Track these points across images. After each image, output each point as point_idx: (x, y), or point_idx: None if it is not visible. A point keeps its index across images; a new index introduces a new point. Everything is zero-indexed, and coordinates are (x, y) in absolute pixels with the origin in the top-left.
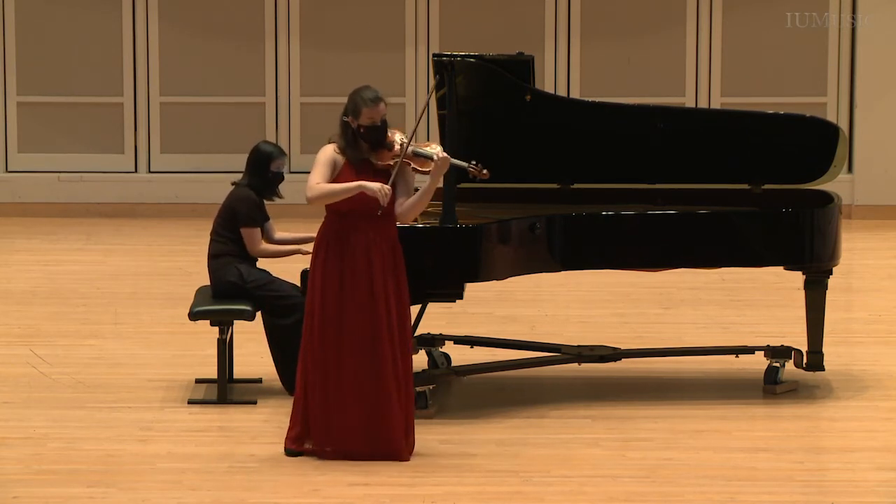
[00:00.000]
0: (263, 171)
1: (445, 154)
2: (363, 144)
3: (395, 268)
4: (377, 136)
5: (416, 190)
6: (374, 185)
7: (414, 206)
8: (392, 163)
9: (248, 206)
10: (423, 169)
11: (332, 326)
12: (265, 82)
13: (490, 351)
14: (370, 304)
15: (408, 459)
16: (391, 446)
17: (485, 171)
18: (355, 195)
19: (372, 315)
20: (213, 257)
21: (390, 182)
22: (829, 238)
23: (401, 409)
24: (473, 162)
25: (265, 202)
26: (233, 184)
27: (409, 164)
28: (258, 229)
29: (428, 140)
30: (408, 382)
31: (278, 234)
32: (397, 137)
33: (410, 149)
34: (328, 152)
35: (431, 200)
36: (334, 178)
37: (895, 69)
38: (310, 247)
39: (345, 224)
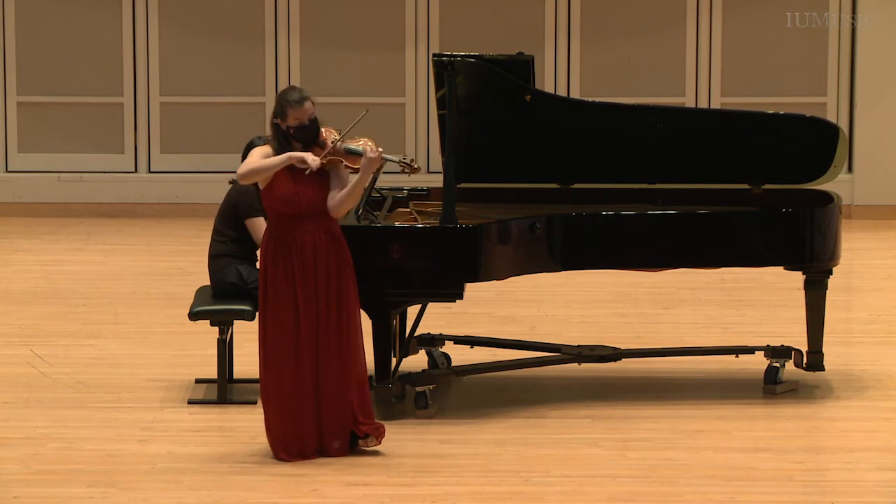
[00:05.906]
0: None
1: (378, 151)
2: (296, 145)
3: (339, 262)
4: (308, 135)
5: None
6: (300, 154)
7: (343, 200)
8: (324, 161)
9: (248, 198)
10: (355, 166)
11: (289, 330)
12: (265, 82)
13: (490, 351)
14: (314, 304)
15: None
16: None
17: (416, 166)
18: (290, 196)
19: (316, 314)
20: (213, 258)
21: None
22: (829, 238)
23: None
24: (403, 156)
25: None
26: (230, 182)
27: (341, 162)
28: (262, 219)
29: (365, 137)
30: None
31: None
32: (331, 136)
33: (342, 146)
34: (263, 150)
35: (431, 200)
36: (270, 180)
37: (895, 69)
38: None
39: (289, 225)
